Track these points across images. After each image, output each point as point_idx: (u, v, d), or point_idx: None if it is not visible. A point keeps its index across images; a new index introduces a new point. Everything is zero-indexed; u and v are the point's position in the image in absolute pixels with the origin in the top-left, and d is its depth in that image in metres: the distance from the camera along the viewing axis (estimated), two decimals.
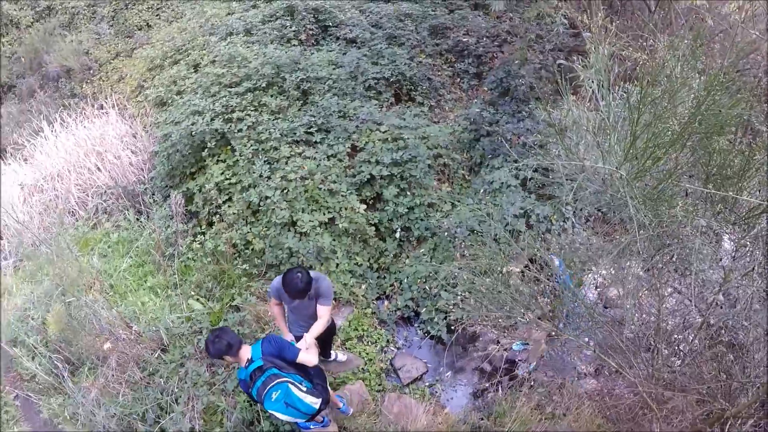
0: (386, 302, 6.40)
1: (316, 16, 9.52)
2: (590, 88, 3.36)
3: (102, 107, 8.59)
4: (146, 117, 8.17)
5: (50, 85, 10.59)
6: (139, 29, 11.24)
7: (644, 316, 4.06)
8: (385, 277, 6.53)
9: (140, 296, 5.98)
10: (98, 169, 7.48)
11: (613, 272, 4.43)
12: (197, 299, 5.87)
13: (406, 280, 6.33)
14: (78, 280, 5.84)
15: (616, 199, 3.14)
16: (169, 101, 8.00)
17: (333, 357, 5.46)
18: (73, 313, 5.67)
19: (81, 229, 6.85)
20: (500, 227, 5.93)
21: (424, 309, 6.08)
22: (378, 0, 10.10)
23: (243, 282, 6.04)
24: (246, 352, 3.71)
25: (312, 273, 4.07)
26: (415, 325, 6.21)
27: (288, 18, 9.44)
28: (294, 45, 8.82)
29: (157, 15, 11.60)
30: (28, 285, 6.36)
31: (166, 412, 5.10)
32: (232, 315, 5.61)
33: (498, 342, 5.94)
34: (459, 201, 6.94)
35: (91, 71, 10.36)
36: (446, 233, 6.38)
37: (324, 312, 4.25)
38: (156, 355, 5.47)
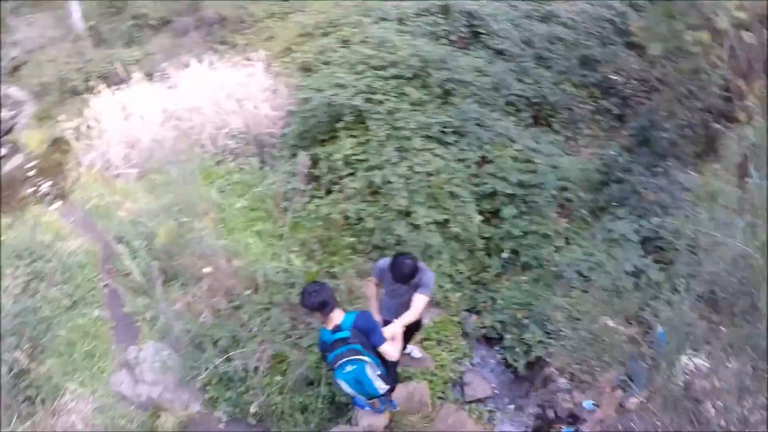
0: (475, 317, 6.20)
1: (469, 20, 9.45)
2: (738, 160, 3.06)
3: (249, 59, 8.93)
4: (289, 78, 8.39)
5: (204, 28, 11.17)
6: None
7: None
8: (480, 292, 6.31)
9: (246, 236, 6.23)
10: (234, 113, 7.78)
11: (711, 364, 4.12)
12: (298, 256, 5.95)
13: (500, 302, 6.10)
14: (195, 205, 6.10)
15: (743, 285, 2.78)
16: (315, 68, 8.19)
17: (408, 351, 5.37)
18: (182, 233, 5.92)
19: (207, 162, 7.23)
20: (609, 279, 5.60)
21: (510, 336, 5.83)
22: (533, 18, 9.90)
23: (346, 253, 6.08)
24: (337, 316, 3.64)
25: (419, 263, 4.03)
26: (496, 348, 5.97)
27: (441, 16, 9.44)
28: (443, 43, 8.79)
29: None
30: (148, 196, 6.73)
31: (238, 346, 5.24)
32: (328, 280, 5.60)
33: (570, 393, 5.63)
34: (574, 240, 6.62)
35: (244, 24, 10.82)
36: (554, 268, 6.13)
37: (420, 302, 4.16)
38: (246, 294, 5.60)
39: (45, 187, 8.23)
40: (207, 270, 5.53)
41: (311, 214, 6.30)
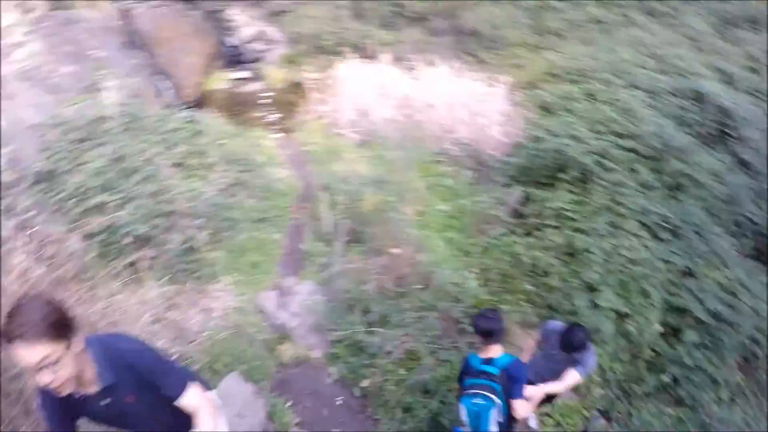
0: (605, 422, 5.85)
1: (720, 117, 8.70)
2: None
3: (492, 78, 9.18)
4: (527, 111, 8.51)
5: (456, 35, 11.61)
6: (553, 34, 11.69)
7: None
8: (622, 401, 5.86)
9: (437, 238, 6.48)
10: (465, 123, 8.12)
11: None
12: (476, 278, 6.07)
13: (636, 422, 5.70)
14: (404, 191, 6.46)
15: None
16: (554, 111, 8.22)
17: (529, 416, 5.14)
18: (385, 208, 6.29)
19: (426, 157, 7.59)
20: None
21: None
22: None
23: (519, 297, 6.07)
24: (495, 350, 3.63)
25: (589, 341, 3.95)
26: None
27: (694, 102, 8.83)
28: (688, 132, 8.27)
29: (571, 27, 11.91)
30: (363, 163, 7.23)
31: (384, 325, 5.44)
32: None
33: None
34: (739, 401, 5.99)
35: (496, 44, 11.10)
36: (706, 418, 5.63)
37: (572, 379, 4.03)
38: (415, 287, 5.79)
39: (273, 117, 9.17)
40: (394, 251, 5.82)
41: (503, 247, 6.36)
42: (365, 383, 5.23)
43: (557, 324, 4.10)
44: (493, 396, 3.50)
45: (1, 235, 4.75)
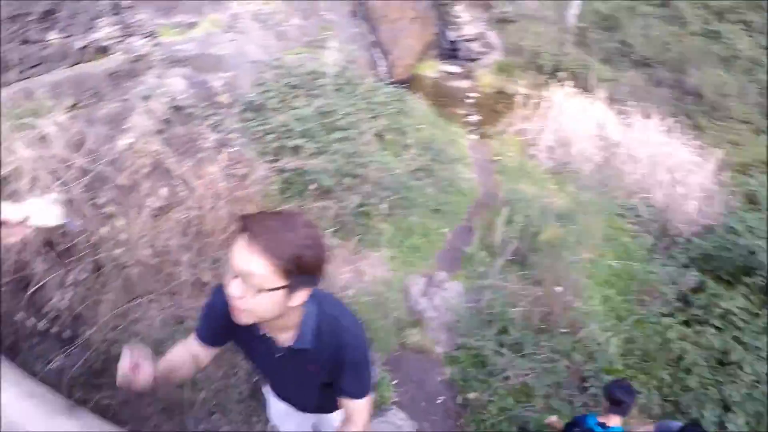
0: None
1: None
2: None
3: (703, 149, 8.79)
4: (731, 197, 8.13)
5: (679, 93, 11.07)
6: None
7: None
8: None
9: (595, 290, 6.48)
10: (660, 187, 7.95)
11: None
12: (618, 345, 6.02)
13: None
14: (590, 235, 6.54)
15: None
16: (759, 206, 7.77)
17: None
18: (560, 244, 6.38)
19: (614, 209, 7.56)
20: None
21: None
22: None
23: (652, 382, 5.90)
24: (616, 421, 3.62)
25: None
26: None
27: None
28: None
29: None
30: (552, 190, 7.38)
31: (516, 355, 5.52)
32: None
33: None
34: None
35: (716, 113, 10.42)
36: None
37: None
38: (560, 330, 5.88)
39: (474, 119, 9.46)
40: (557, 288, 5.97)
41: (657, 327, 6.21)
42: (471, 395, 5.32)
43: (672, 425, 3.91)
44: None
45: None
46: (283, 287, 1.46)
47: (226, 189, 5.28)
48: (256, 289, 1.44)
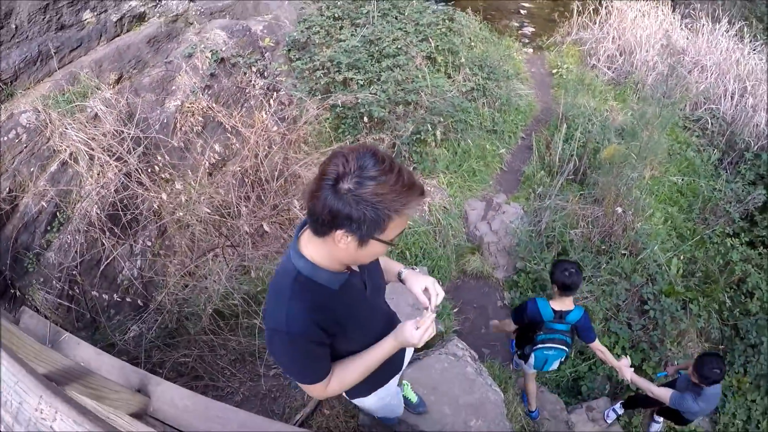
0: None
1: None
2: None
3: None
4: None
5: None
6: None
7: None
8: None
9: (657, 208, 6.32)
10: (731, 97, 7.48)
11: None
12: (679, 265, 5.94)
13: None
14: (646, 149, 6.20)
15: None
16: None
17: (658, 421, 5.22)
18: (620, 160, 6.11)
19: (679, 121, 7.17)
20: None
21: None
22: None
23: (712, 305, 5.86)
24: (568, 304, 3.70)
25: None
26: None
27: None
28: None
29: None
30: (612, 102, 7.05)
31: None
32: (677, 308, 5.54)
33: None
34: None
35: None
36: None
37: (663, 394, 4.04)
38: (621, 251, 5.79)
39: (527, 30, 8.86)
40: (618, 209, 5.81)
41: (720, 247, 6.10)
42: None
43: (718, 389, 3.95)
44: (565, 348, 3.79)
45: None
46: None
47: (278, 134, 5.33)
48: None
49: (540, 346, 3.80)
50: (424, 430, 3.35)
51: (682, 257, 6.02)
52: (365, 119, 5.77)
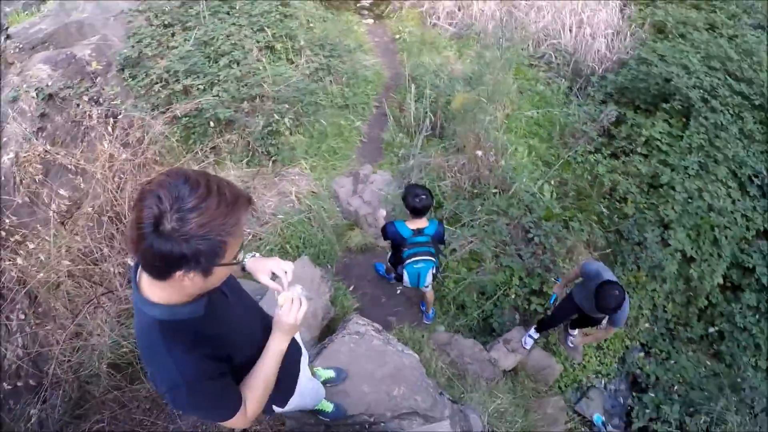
0: (642, 354, 6.02)
1: None
2: None
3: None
4: (638, 29, 7.93)
5: None
6: None
7: None
8: (665, 340, 6.06)
9: (519, 143, 6.44)
10: (570, 30, 7.66)
11: None
12: (552, 190, 6.05)
13: (672, 362, 5.87)
14: (495, 92, 6.25)
15: None
16: (669, 35, 7.63)
17: (573, 335, 5.52)
18: (473, 108, 6.08)
19: (522, 59, 7.32)
20: None
21: (652, 395, 5.66)
22: None
23: (590, 218, 5.99)
24: (424, 222, 3.95)
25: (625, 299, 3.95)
26: (634, 392, 5.86)
27: None
28: None
29: None
30: (456, 58, 7.03)
31: (455, 224, 5.49)
32: (560, 228, 5.70)
33: None
34: None
35: None
36: (739, 380, 5.69)
37: (607, 334, 4.52)
38: (491, 191, 5.84)
39: (366, 1, 8.72)
40: (478, 152, 5.75)
41: (586, 164, 6.20)
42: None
43: (598, 268, 4.12)
44: (431, 258, 3.99)
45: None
46: None
47: (126, 161, 4.95)
48: None
49: (408, 261, 3.95)
50: (350, 413, 3.34)
51: (552, 182, 6.13)
52: (212, 124, 5.58)
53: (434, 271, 4.10)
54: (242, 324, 1.77)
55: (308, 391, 2.46)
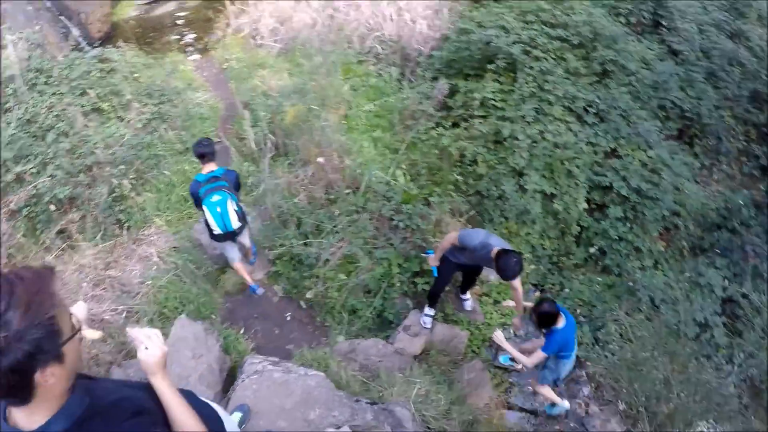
0: (538, 293, 6.19)
1: (655, 7, 8.67)
2: None
3: None
4: (455, 3, 8.24)
5: None
6: None
7: None
8: (554, 274, 6.31)
9: (363, 139, 6.40)
10: (391, 20, 7.82)
11: None
12: (404, 173, 6.09)
13: (567, 290, 6.13)
14: (327, 96, 6.28)
15: None
16: (484, 2, 8.01)
17: (467, 298, 5.59)
18: (308, 118, 6.13)
19: (350, 58, 7.35)
20: (675, 318, 5.56)
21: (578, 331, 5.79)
22: (722, 30, 8.93)
23: (449, 188, 6.14)
24: (213, 167, 4.37)
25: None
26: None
27: None
28: (621, 22, 8.19)
29: None
30: (285, 73, 7.00)
31: (319, 235, 5.48)
32: (422, 207, 5.79)
33: (588, 402, 5.43)
34: (662, 266, 6.44)
35: None
36: (630, 284, 6.06)
37: (518, 286, 4.51)
38: (345, 192, 5.81)
39: (189, 38, 8.60)
40: (320, 160, 5.71)
41: (430, 141, 6.33)
42: (309, 294, 5.38)
43: (474, 235, 4.36)
44: (226, 190, 4.31)
45: None
46: None
47: None
48: None
49: (204, 198, 4.26)
50: None
51: (403, 166, 6.21)
52: (53, 206, 5.30)
53: (236, 207, 4.40)
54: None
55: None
